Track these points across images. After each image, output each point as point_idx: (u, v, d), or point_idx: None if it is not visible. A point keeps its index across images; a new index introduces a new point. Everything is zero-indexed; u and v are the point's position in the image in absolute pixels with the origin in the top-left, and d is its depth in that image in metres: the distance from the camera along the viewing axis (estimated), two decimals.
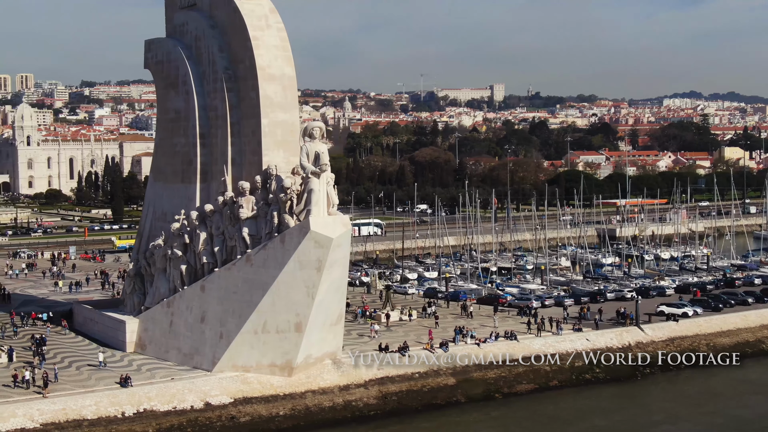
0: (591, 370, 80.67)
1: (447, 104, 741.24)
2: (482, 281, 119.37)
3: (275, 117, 72.00)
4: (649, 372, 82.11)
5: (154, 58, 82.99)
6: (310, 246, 66.02)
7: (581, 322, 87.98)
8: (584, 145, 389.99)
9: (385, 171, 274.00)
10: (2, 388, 66.87)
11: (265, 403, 68.49)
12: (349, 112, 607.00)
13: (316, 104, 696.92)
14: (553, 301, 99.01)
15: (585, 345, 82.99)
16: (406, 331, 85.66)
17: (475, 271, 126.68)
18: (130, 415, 64.65)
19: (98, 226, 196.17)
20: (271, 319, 68.72)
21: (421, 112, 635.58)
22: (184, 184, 77.87)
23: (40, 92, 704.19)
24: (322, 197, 66.75)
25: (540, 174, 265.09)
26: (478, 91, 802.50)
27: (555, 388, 77.99)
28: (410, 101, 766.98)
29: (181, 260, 75.23)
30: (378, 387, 72.83)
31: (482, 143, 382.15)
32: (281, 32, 73.60)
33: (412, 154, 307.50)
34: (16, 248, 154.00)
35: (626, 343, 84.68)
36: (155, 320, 76.36)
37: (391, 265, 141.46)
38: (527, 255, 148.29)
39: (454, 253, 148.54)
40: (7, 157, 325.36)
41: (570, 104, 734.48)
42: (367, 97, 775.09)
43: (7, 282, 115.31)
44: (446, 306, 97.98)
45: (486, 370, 77.72)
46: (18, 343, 79.93)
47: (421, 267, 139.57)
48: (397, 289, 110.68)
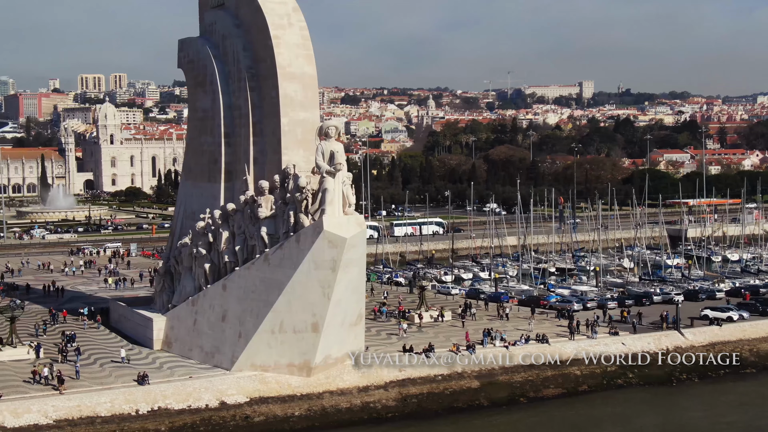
0: (624, 375, 78.45)
1: (534, 102, 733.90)
2: (534, 282, 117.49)
3: (295, 116, 71.76)
4: (685, 378, 79.41)
5: (186, 58, 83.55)
6: (324, 246, 65.47)
7: (616, 326, 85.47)
8: (669, 143, 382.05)
9: (457, 169, 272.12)
10: (21, 384, 67.76)
11: (281, 403, 68.12)
12: (433, 110, 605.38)
13: (401, 102, 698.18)
14: (595, 303, 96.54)
15: (620, 349, 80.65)
16: (437, 332, 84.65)
17: (527, 272, 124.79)
18: (144, 413, 64.87)
19: (168, 223, 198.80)
20: (287, 319, 68.37)
21: (507, 110, 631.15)
22: (210, 183, 78.25)
23: (132, 92, 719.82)
24: (337, 197, 66.01)
25: (616, 173, 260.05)
26: (567, 88, 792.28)
27: (584, 393, 75.99)
28: (497, 99, 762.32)
29: (205, 259, 75.51)
30: (398, 389, 71.88)
31: (564, 141, 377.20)
32: (303, 31, 73.34)
33: (487, 153, 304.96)
34: (81, 245, 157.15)
35: (664, 348, 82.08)
36: (180, 318, 76.81)
37: (445, 264, 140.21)
38: (588, 256, 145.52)
39: (514, 254, 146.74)
40: (91, 155, 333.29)
41: (661, 101, 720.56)
42: (453, 95, 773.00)
43: (62, 279, 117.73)
44: (485, 308, 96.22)
45: (512, 373, 76.11)
46: (50, 340, 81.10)
47: (477, 267, 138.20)
48: (441, 289, 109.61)
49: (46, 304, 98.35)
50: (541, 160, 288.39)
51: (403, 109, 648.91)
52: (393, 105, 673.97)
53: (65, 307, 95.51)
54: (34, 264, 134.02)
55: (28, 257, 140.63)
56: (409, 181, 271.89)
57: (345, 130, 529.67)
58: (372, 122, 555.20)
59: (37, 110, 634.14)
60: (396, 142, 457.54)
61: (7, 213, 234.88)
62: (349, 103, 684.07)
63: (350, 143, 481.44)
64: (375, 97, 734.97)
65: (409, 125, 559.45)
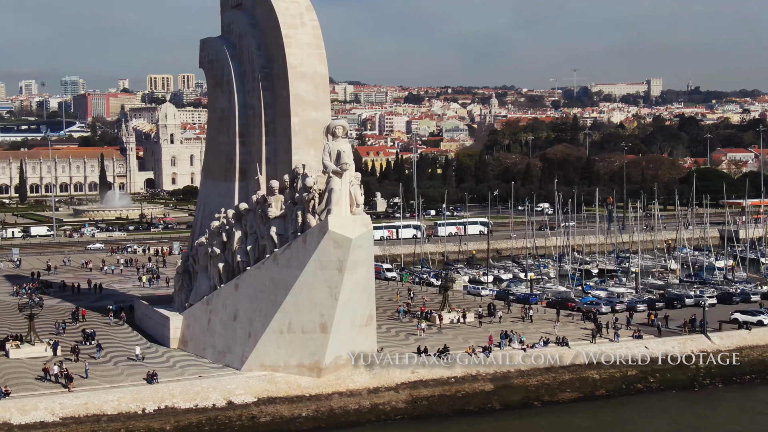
0: (644, 379, 76.80)
1: (601, 100, 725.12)
2: (570, 284, 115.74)
3: (306, 115, 71.53)
4: (708, 383, 77.53)
5: (206, 58, 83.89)
6: (329, 246, 65.05)
7: (639, 329, 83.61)
8: (734, 142, 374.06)
9: (512, 169, 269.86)
10: (33, 381, 68.44)
11: (288, 403, 67.97)
12: (496, 109, 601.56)
13: (465, 101, 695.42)
14: (624, 306, 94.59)
15: (642, 353, 78.87)
16: (456, 334, 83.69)
17: (566, 273, 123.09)
18: (151, 412, 65.18)
19: None
20: (295, 319, 68.13)
21: (573, 108, 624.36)
22: (227, 182, 78.44)
23: (198, 92, 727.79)
24: (343, 197, 65.50)
25: (674, 172, 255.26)
26: (634, 86, 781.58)
27: (600, 397, 74.61)
28: (562, 97, 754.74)
29: (219, 258, 75.67)
30: (409, 390, 71.22)
31: (626, 140, 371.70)
32: (315, 30, 73.06)
33: (544, 152, 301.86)
34: (128, 243, 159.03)
35: (688, 352, 79.91)
36: (196, 317, 77.09)
37: (482, 265, 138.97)
38: (633, 257, 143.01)
39: (560, 254, 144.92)
40: (152, 154, 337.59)
41: (730, 99, 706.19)
42: (518, 93, 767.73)
43: (100, 277, 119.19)
44: (509, 309, 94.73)
45: (528, 376, 74.90)
46: (71, 338, 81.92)
47: (518, 268, 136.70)
48: (471, 290, 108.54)
49: (77, 301, 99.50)
50: (598, 159, 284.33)
51: (466, 108, 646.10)
52: (456, 104, 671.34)
53: (97, 304, 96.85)
54: (76, 262, 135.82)
55: (70, 255, 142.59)
56: (464, 180, 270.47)
57: (405, 129, 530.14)
58: (433, 121, 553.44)
59: (105, 110, 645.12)
60: (455, 141, 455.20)
61: (65, 211, 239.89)
62: (413, 102, 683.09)
63: (409, 142, 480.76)
64: (439, 96, 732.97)
65: (470, 124, 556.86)
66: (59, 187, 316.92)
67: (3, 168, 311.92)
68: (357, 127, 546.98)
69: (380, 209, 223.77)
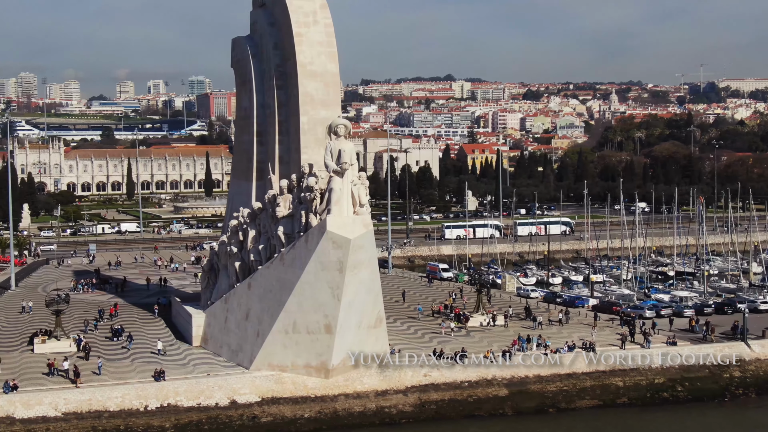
0: (672, 387, 73.50)
1: (728, 95, 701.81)
2: (634, 287, 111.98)
3: (315, 114, 71.07)
4: (740, 393, 73.69)
5: (235, 57, 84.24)
6: (328, 246, 64.35)
7: (675, 335, 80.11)
8: None
9: (615, 166, 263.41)
10: (44, 376, 69.57)
11: (292, 404, 67.50)
12: (615, 105, 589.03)
13: (585, 97, 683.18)
14: (670, 311, 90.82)
15: (674, 360, 75.53)
16: (482, 337, 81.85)
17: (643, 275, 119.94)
18: (152, 409, 65.51)
19: None
20: (300, 319, 67.68)
21: (698, 104, 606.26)
22: (247, 182, 78.70)
23: None
24: (344, 196, 64.60)
25: None
26: (764, 81, 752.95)
27: (621, 405, 71.74)
28: (688, 93, 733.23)
29: (236, 257, 75.91)
30: (419, 394, 69.90)
31: (744, 137, 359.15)
32: (328, 28, 72.54)
33: (650, 149, 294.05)
34: (206, 241, 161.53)
35: (724, 361, 76.20)
36: (215, 316, 77.49)
37: (555, 266, 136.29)
38: (716, 259, 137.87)
39: (639, 255, 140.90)
40: None
41: None
42: (642, 89, 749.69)
43: (166, 274, 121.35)
44: (548, 312, 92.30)
45: (547, 382, 72.58)
46: (102, 333, 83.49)
47: (591, 269, 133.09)
48: (521, 292, 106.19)
49: (128, 297, 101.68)
50: (705, 157, 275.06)
51: (585, 105, 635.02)
52: (575, 100, 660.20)
53: (146, 300, 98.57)
54: (149, 259, 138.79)
55: (143, 252, 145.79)
56: (564, 178, 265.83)
57: (519, 126, 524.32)
58: (548, 118, 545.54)
59: (226, 109, 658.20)
60: (567, 138, 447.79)
61: (167, 208, 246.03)
62: (531, 99, 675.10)
63: (521, 139, 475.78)
64: (559, 92, 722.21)
65: (588, 121, 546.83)
66: (169, 185, 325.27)
67: (115, 165, 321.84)
68: (470, 124, 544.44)
69: (470, 208, 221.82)
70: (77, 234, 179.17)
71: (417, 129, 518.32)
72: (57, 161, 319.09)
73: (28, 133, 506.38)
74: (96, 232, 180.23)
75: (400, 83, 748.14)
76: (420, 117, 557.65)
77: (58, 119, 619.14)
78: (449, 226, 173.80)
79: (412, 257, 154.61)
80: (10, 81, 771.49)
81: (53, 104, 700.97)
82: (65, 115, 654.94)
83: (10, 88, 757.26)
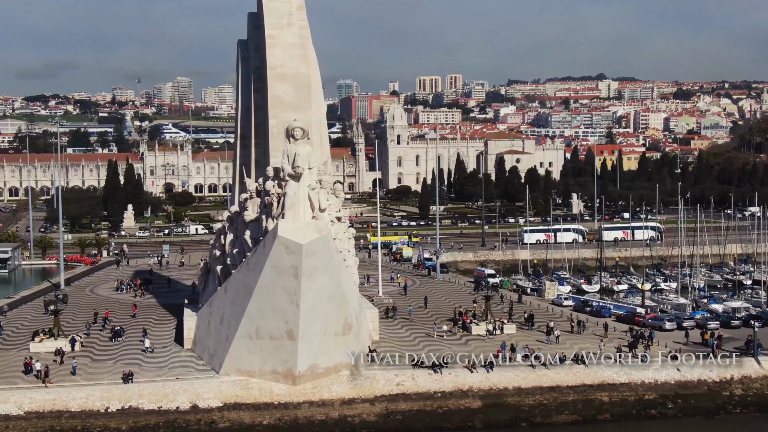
0: (662, 404, 69.10)
1: None
2: (689, 296, 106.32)
3: (285, 117, 69.78)
4: (739, 412, 68.59)
5: (238, 59, 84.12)
6: (281, 252, 63.18)
7: (679, 349, 75.18)
8: None
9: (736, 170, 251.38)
10: (20, 375, 70.80)
11: (253, 410, 66.78)
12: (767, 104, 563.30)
13: (740, 96, 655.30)
14: (693, 323, 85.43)
15: (670, 375, 71.07)
16: (477, 345, 78.86)
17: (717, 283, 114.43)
18: (113, 411, 65.90)
19: (396, 222, 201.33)
20: (262, 325, 66.84)
21: None
22: (234, 185, 78.37)
23: (459, 92, 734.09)
24: (300, 201, 63.44)
25: None
26: None
27: (600, 421, 68.04)
28: None
29: (218, 260, 75.77)
30: (386, 404, 67.97)
31: None
32: (303, 30, 71.43)
33: None
34: None
35: (728, 377, 71.15)
36: (202, 319, 77.53)
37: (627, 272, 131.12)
38: None
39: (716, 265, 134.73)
40: (380, 155, 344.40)
41: None
42: None
43: None
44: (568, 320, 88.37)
45: (527, 395, 69.39)
46: (106, 335, 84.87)
47: (660, 277, 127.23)
48: (555, 300, 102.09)
49: (161, 297, 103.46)
50: None
51: (737, 104, 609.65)
52: (727, 99, 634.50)
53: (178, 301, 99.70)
54: (196, 259, 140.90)
55: (189, 253, 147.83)
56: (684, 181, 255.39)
57: (663, 126, 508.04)
58: (693, 118, 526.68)
59: (368, 112, 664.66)
60: (708, 139, 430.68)
61: None
62: (682, 98, 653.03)
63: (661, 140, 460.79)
64: (713, 91, 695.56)
65: (737, 121, 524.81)
66: None
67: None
68: (610, 124, 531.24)
69: (575, 210, 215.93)
70: (170, 234, 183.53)
71: (554, 129, 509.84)
72: (185, 163, 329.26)
73: (174, 135, 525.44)
74: (189, 233, 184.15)
75: (545, 83, 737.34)
76: (558, 117, 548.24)
77: (206, 122, 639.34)
78: (529, 230, 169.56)
79: (485, 261, 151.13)
80: (167, 85, 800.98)
81: (204, 108, 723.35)
82: (213, 118, 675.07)
83: (167, 92, 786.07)
